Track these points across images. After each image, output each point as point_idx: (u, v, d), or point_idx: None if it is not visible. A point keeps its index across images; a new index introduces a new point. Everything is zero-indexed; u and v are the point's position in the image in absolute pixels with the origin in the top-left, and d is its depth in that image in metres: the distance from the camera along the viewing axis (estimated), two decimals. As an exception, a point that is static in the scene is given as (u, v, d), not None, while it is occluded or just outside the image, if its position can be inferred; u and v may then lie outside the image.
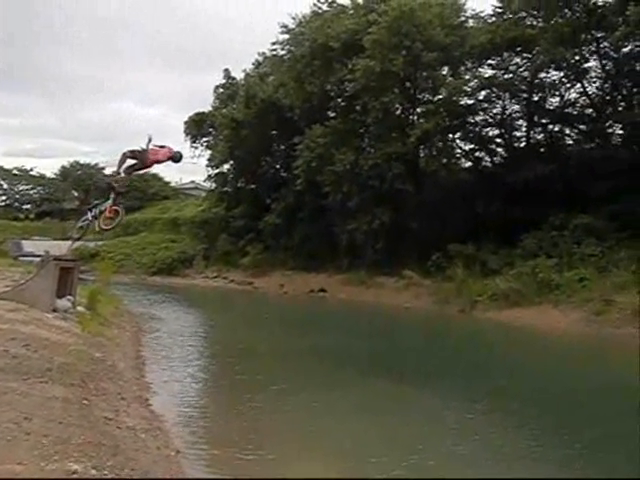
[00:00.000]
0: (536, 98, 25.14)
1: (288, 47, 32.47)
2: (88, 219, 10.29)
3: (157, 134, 9.39)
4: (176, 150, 9.67)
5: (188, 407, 7.59)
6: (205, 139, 41.50)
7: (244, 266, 31.46)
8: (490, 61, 25.64)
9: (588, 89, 23.93)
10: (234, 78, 39.21)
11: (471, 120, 26.76)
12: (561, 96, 24.89)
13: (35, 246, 28.50)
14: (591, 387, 9.75)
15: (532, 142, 25.76)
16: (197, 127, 41.19)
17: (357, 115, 27.63)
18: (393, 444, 6.53)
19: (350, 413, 7.68)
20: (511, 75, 25.22)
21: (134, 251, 36.90)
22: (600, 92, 23.91)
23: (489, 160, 27.71)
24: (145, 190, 47.08)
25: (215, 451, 6.01)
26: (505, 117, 26.38)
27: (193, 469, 5.36)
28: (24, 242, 36.53)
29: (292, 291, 27.02)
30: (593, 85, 23.99)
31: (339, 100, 29.23)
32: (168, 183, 53.89)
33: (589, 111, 24.39)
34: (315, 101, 29.21)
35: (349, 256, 26.75)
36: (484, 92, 26.04)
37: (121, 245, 37.59)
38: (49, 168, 75.38)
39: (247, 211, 34.20)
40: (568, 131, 25.57)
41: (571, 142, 25.48)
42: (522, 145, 26.15)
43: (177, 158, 9.63)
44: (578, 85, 24.06)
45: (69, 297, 10.36)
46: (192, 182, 55.92)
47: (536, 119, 25.51)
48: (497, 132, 27.10)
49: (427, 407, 8.23)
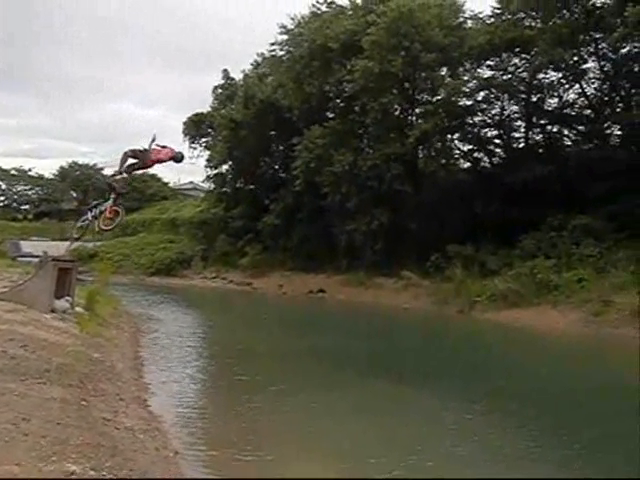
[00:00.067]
0: (535, 99, 25.18)
1: (287, 48, 32.45)
2: (88, 219, 10.30)
3: (157, 134, 9.49)
4: (178, 151, 9.80)
5: (186, 408, 7.56)
6: (204, 140, 41.56)
7: (243, 267, 31.46)
8: (489, 62, 25.69)
9: (586, 90, 24.01)
10: (233, 79, 39.24)
11: (470, 121, 26.79)
12: (559, 97, 24.96)
13: (33, 247, 28.40)
14: (590, 387, 9.76)
15: (531, 143, 25.81)
16: (196, 128, 41.24)
17: (356, 116, 27.62)
18: (392, 445, 6.51)
19: (349, 414, 7.67)
20: (510, 76, 25.25)
21: (132, 252, 36.89)
22: (598, 93, 23.97)
23: (488, 161, 27.75)
24: (144, 191, 47.07)
25: (213, 452, 5.99)
26: (504, 118, 26.43)
27: (191, 470, 5.35)
28: (22, 243, 36.38)
29: (291, 292, 27.03)
30: (591, 86, 24.07)
31: (338, 101, 29.21)
32: (167, 184, 53.86)
33: (587, 112, 24.46)
34: (314, 102, 29.19)
35: (348, 257, 26.77)
36: (483, 93, 26.09)
37: (119, 246, 37.57)
38: (47, 169, 74.96)
39: (246, 212, 34.16)
40: (566, 132, 25.65)
41: (569, 143, 25.53)
42: (521, 146, 26.18)
43: (179, 158, 9.76)
44: (576, 86, 24.13)
45: (67, 298, 10.35)
46: (191, 183, 55.96)
47: (535, 120, 25.56)
48: (496, 133, 27.18)
49: (426, 407, 8.22)
